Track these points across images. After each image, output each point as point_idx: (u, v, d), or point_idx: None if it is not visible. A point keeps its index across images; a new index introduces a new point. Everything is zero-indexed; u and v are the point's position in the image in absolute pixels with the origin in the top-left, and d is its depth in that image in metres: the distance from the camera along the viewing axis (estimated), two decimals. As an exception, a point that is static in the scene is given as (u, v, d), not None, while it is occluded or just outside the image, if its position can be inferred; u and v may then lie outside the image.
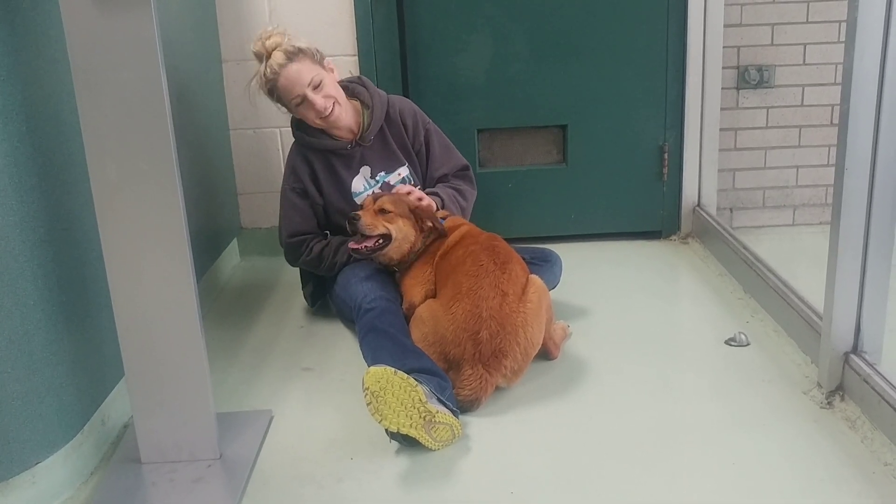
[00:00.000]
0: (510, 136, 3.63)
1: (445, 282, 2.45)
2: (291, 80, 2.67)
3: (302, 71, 2.67)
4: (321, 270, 2.84)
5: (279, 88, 2.70)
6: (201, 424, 2.01)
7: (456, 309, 2.30)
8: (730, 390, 2.32)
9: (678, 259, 3.49)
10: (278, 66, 2.65)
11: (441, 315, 2.33)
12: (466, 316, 2.27)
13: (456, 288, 2.35)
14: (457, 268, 2.43)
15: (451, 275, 2.43)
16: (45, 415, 1.87)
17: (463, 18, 3.46)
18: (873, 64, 1.99)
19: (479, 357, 2.23)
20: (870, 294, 2.12)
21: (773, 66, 3.72)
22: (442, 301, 2.39)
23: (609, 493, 1.87)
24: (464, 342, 2.25)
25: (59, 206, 1.94)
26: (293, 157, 2.88)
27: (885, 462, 1.90)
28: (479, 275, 2.34)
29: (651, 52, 3.51)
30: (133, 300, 1.90)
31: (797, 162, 3.85)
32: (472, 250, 2.46)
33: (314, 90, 2.69)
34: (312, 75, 2.68)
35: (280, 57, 2.65)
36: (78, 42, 1.73)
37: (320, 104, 2.69)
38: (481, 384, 2.21)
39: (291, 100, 2.71)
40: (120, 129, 1.78)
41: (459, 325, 2.27)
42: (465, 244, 2.54)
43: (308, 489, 1.94)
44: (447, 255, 2.55)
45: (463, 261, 2.43)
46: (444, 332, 2.29)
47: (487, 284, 2.31)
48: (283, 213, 2.89)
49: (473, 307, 2.27)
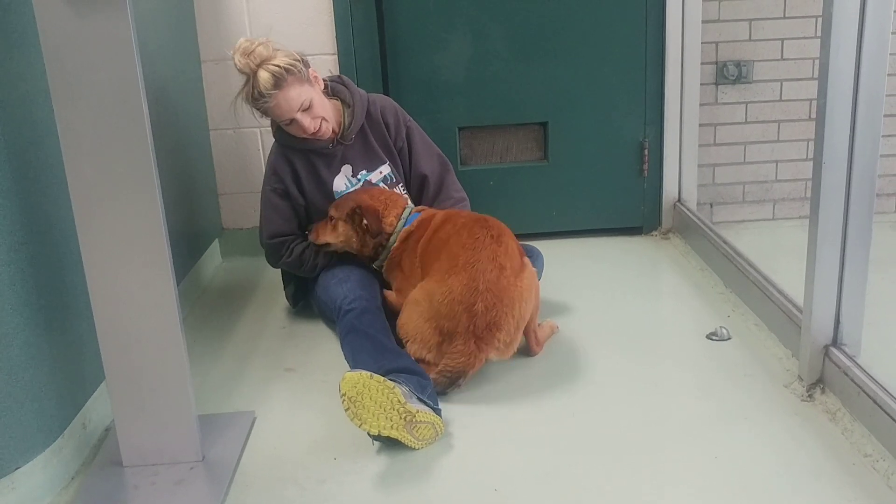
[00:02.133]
0: (491, 133, 3.63)
1: (437, 256, 2.43)
2: (281, 107, 2.62)
3: (290, 97, 2.61)
4: (302, 272, 2.84)
5: (269, 110, 2.66)
6: (183, 427, 2.00)
7: (452, 282, 2.30)
8: (711, 385, 2.34)
9: (659, 254, 3.50)
10: (266, 91, 2.57)
11: (436, 289, 2.32)
12: (463, 289, 2.28)
13: (452, 261, 2.35)
14: (449, 241, 2.43)
15: (444, 249, 2.42)
16: (25, 419, 1.85)
17: (442, 17, 3.45)
18: (849, 59, 2.00)
19: (474, 329, 2.25)
20: (849, 287, 2.14)
21: (752, 61, 3.73)
22: (436, 277, 2.37)
23: (593, 489, 1.88)
24: (458, 314, 2.26)
25: (36, 208, 1.93)
26: (274, 158, 2.86)
27: (865, 453, 1.92)
28: (476, 247, 2.34)
29: (630, 48, 3.52)
30: (113, 303, 1.89)
31: (776, 157, 3.87)
32: (463, 223, 2.46)
33: (303, 112, 2.65)
34: (302, 100, 2.62)
35: (268, 81, 2.56)
36: (53, 43, 1.71)
37: (308, 125, 2.66)
38: (469, 359, 2.25)
39: (281, 121, 2.70)
40: (97, 130, 1.77)
41: (455, 297, 2.27)
42: (451, 222, 2.53)
43: (291, 491, 1.93)
44: (431, 239, 2.54)
45: (456, 233, 2.43)
46: (439, 306, 2.29)
47: (485, 257, 2.31)
48: (264, 214, 2.87)
49: (470, 280, 2.28)
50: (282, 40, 3.40)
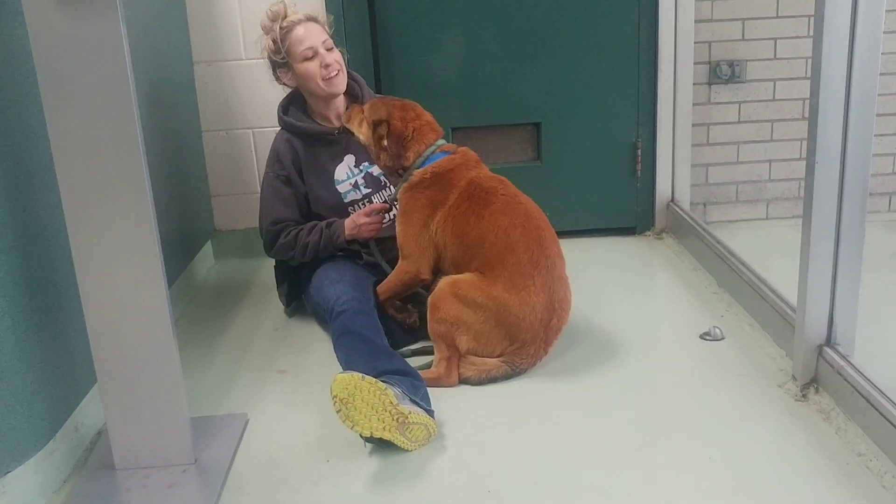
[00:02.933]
0: (484, 134, 3.63)
1: (493, 249, 2.39)
2: (309, 33, 2.74)
3: (318, 30, 2.76)
4: (295, 253, 2.79)
5: (292, 38, 2.73)
6: (175, 429, 1.99)
7: (535, 301, 2.36)
8: (705, 385, 2.34)
9: (653, 255, 3.50)
10: (297, 19, 2.74)
11: (512, 302, 2.35)
12: (543, 309, 2.37)
13: (524, 274, 2.36)
14: (511, 241, 2.38)
15: (506, 248, 2.37)
16: (16, 423, 1.84)
17: (436, 18, 3.45)
18: (841, 58, 2.00)
19: (546, 339, 2.41)
20: (842, 287, 2.14)
21: (745, 61, 3.74)
22: (504, 285, 2.35)
23: (586, 490, 1.87)
24: (537, 330, 2.38)
25: (27, 211, 1.92)
26: (278, 144, 2.87)
27: (859, 453, 1.92)
28: (549, 266, 2.40)
29: (623, 49, 3.52)
30: (104, 305, 1.88)
31: (769, 156, 3.87)
32: (522, 223, 2.41)
33: (326, 51, 2.75)
34: (326, 37, 2.77)
35: (298, 14, 2.76)
36: (43, 45, 1.71)
37: (330, 60, 2.74)
38: (536, 360, 2.42)
39: (302, 51, 2.72)
40: (88, 132, 1.76)
41: (538, 316, 2.37)
42: (502, 211, 2.44)
43: (284, 493, 1.92)
44: (462, 208, 2.46)
45: (522, 235, 2.39)
46: (519, 322, 2.36)
47: (556, 276, 2.42)
48: (266, 201, 2.86)
49: (549, 301, 2.38)
50: (274, 41, 3.43)
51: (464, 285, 2.39)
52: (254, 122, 3.54)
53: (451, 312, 2.37)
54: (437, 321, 2.39)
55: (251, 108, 3.53)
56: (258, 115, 3.52)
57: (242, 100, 3.53)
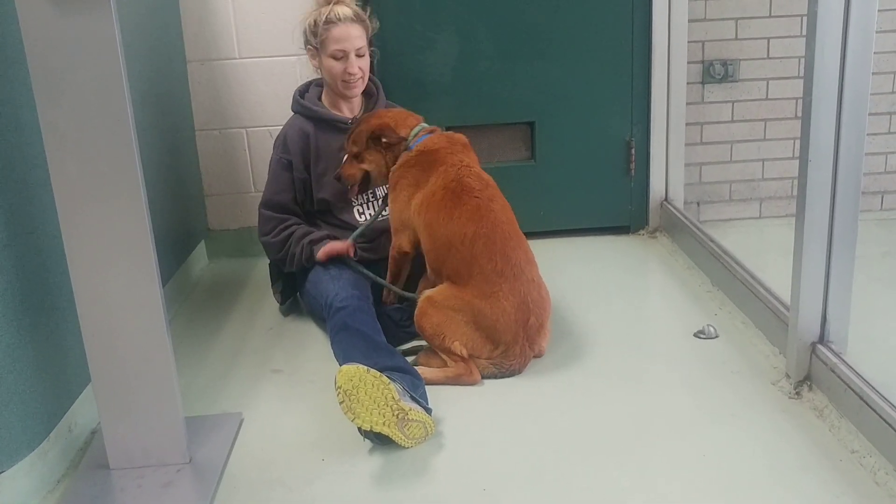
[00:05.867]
0: (478, 133, 3.62)
1: (447, 253, 2.45)
2: (349, 34, 2.77)
3: (358, 34, 2.79)
4: (279, 258, 2.85)
5: (331, 33, 2.76)
6: (170, 429, 1.99)
7: (505, 305, 2.37)
8: (699, 383, 2.34)
9: (646, 253, 3.51)
10: (344, 15, 2.75)
11: (485, 308, 2.37)
12: (515, 310, 2.38)
13: (490, 281, 2.38)
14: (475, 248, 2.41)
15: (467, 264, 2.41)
16: (9, 423, 1.84)
17: (429, 17, 3.45)
18: (834, 57, 2.01)
19: (527, 338, 2.41)
20: (835, 284, 2.14)
21: (738, 60, 3.74)
22: (473, 292, 2.38)
23: (581, 488, 1.88)
24: (515, 331, 2.38)
25: (20, 209, 1.91)
26: (288, 128, 2.92)
27: (852, 450, 1.93)
28: (515, 274, 2.40)
29: (616, 48, 3.52)
30: (98, 305, 1.87)
31: (763, 155, 3.88)
32: (479, 235, 2.43)
33: (357, 56, 2.78)
34: (362, 44, 2.80)
35: (347, 11, 2.77)
36: (36, 43, 1.70)
37: (355, 69, 2.78)
38: (524, 359, 2.42)
39: (333, 50, 2.77)
40: (81, 131, 1.76)
41: (511, 318, 2.37)
42: (460, 201, 2.48)
43: (278, 492, 1.92)
44: (437, 196, 2.50)
45: (485, 241, 2.41)
46: (494, 325, 2.37)
47: (525, 280, 2.42)
48: (268, 179, 2.94)
49: (520, 303, 2.39)
50: (268, 40, 3.43)
51: (438, 296, 2.43)
52: (248, 121, 3.53)
53: (435, 321, 2.40)
54: (430, 336, 2.42)
55: (245, 107, 3.52)
56: (252, 115, 3.51)
57: (236, 99, 3.52)
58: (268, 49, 3.45)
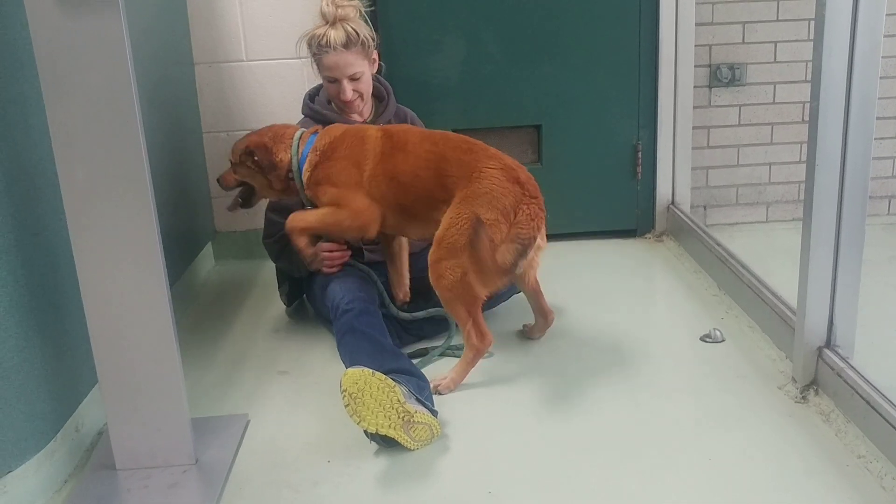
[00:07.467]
0: (485, 136, 3.56)
1: (417, 181, 2.44)
2: (338, 63, 2.72)
3: (348, 61, 2.72)
4: (280, 260, 2.86)
5: (322, 60, 2.75)
6: (176, 430, 1.99)
7: (491, 172, 2.38)
8: (705, 387, 2.34)
9: (653, 257, 3.51)
10: (332, 45, 2.70)
11: (475, 187, 2.36)
12: (501, 171, 2.38)
13: (464, 167, 2.40)
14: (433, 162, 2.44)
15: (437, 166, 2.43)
16: (16, 423, 1.84)
17: (436, 19, 3.45)
18: (841, 61, 2.00)
19: (529, 192, 2.37)
20: (842, 289, 2.14)
21: (745, 64, 3.74)
22: (464, 191, 2.37)
23: (586, 492, 1.88)
24: (511, 188, 2.35)
25: (28, 211, 1.92)
26: None
27: (859, 455, 1.92)
28: (483, 149, 2.46)
29: (624, 51, 3.52)
30: (105, 305, 1.88)
31: (769, 159, 3.88)
32: (436, 141, 2.50)
33: (350, 81, 2.75)
34: (356, 70, 2.74)
35: (340, 37, 2.70)
36: (45, 45, 1.71)
37: (348, 96, 2.75)
38: (536, 221, 2.34)
39: (326, 75, 2.77)
40: (89, 132, 1.76)
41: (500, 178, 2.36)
42: (405, 140, 2.51)
43: (284, 494, 1.93)
44: (385, 148, 2.50)
45: (434, 150, 2.46)
46: (488, 192, 2.34)
47: (494, 152, 2.46)
48: None
49: (502, 166, 2.40)
50: (276, 42, 3.44)
51: (436, 240, 2.37)
52: (255, 123, 3.51)
53: (444, 264, 2.32)
54: (445, 288, 2.34)
55: (252, 109, 3.53)
56: (259, 117, 3.51)
57: (243, 101, 3.53)
58: (276, 52, 3.46)
